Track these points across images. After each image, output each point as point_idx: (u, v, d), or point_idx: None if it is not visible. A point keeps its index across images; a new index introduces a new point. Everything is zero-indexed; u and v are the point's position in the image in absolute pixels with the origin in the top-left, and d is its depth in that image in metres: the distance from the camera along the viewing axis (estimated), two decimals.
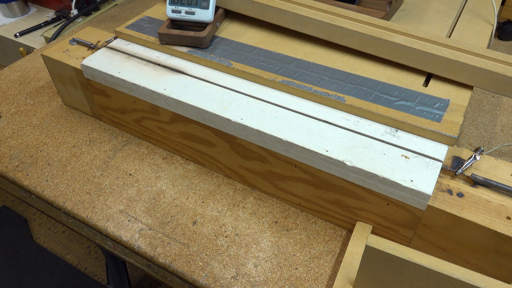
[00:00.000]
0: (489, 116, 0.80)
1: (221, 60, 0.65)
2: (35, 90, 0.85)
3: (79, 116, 0.79)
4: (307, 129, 0.56)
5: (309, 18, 0.66)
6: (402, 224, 0.54)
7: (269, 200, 0.64)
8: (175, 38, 0.68)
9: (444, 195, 0.50)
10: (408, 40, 0.61)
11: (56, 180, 0.67)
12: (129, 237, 0.59)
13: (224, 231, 0.60)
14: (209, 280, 0.54)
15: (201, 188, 0.66)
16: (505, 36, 1.03)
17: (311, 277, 0.55)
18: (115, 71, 0.66)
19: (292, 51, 0.68)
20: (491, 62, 0.57)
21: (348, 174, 0.53)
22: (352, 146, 0.54)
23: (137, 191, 0.65)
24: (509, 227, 0.47)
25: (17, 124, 0.77)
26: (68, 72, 0.73)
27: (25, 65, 0.92)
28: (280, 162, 0.58)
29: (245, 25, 0.74)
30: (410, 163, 0.51)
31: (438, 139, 0.54)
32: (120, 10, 1.15)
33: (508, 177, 0.52)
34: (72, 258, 1.39)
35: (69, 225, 0.69)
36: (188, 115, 0.62)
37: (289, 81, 0.61)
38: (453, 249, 0.52)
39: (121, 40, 0.73)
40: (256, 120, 0.57)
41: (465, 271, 0.39)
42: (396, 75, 0.62)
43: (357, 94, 0.59)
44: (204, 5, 0.67)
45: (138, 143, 0.74)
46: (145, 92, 0.64)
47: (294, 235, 0.60)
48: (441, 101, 0.58)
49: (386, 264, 0.43)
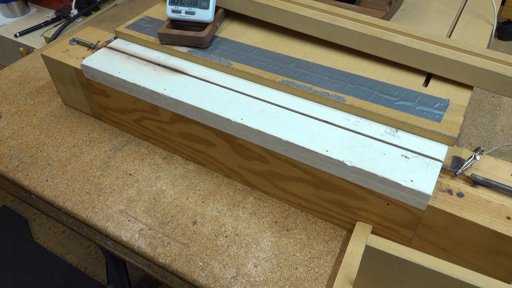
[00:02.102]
0: (489, 116, 0.80)
1: (221, 60, 0.65)
2: (35, 90, 0.85)
3: (79, 116, 0.79)
4: (307, 129, 0.56)
5: (309, 18, 0.66)
6: (402, 224, 0.54)
7: (269, 200, 0.64)
8: (175, 38, 0.68)
9: (444, 195, 0.50)
10: (408, 40, 0.61)
11: (56, 180, 0.67)
12: (129, 237, 0.59)
13: (224, 231, 0.60)
14: (209, 280, 0.54)
15: (201, 188, 0.66)
16: (505, 36, 1.03)
17: (311, 277, 0.55)
18: (115, 71, 0.66)
19: (292, 51, 0.68)
20: (491, 62, 0.57)
21: (348, 174, 0.53)
22: (352, 146, 0.54)
23: (137, 191, 0.65)
24: (509, 227, 0.47)
25: (17, 124, 0.77)
26: (68, 72, 0.73)
27: (25, 65, 0.92)
28: (280, 162, 0.58)
29: (245, 25, 0.74)
30: (410, 163, 0.51)
31: (438, 139, 0.54)
32: (120, 10, 1.15)
33: (508, 177, 0.52)
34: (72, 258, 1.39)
35: (69, 225, 0.69)
36: (188, 115, 0.62)
37: (289, 81, 0.61)
38: (453, 249, 0.53)
39: (121, 40, 0.73)
40: (256, 120, 0.57)
41: (465, 271, 0.39)
42: (396, 75, 0.62)
43: (357, 94, 0.59)
44: (204, 5, 0.67)
45: (138, 143, 0.74)
46: (145, 92, 0.64)
47: (294, 235, 0.60)
48: (441, 101, 0.58)
49: (386, 264, 0.43)
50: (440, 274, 0.39)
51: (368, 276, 0.46)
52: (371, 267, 0.45)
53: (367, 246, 0.42)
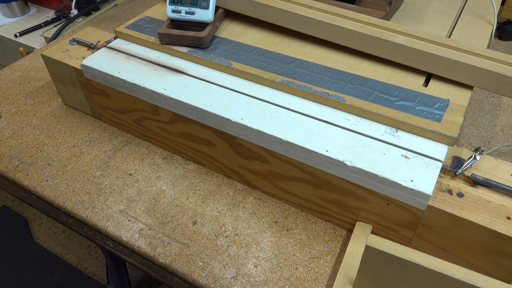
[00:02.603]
0: (489, 116, 0.80)
1: (221, 60, 0.65)
2: (35, 90, 0.85)
3: (79, 116, 0.79)
4: (307, 129, 0.56)
5: (309, 18, 0.66)
6: (402, 224, 0.54)
7: (269, 200, 0.64)
8: (175, 38, 0.68)
9: (444, 195, 0.50)
10: (408, 40, 0.61)
11: (56, 180, 0.67)
12: (129, 237, 0.59)
13: (224, 231, 0.60)
14: (209, 280, 0.54)
15: (201, 188, 0.66)
16: (505, 36, 1.03)
17: (311, 277, 0.55)
18: (115, 71, 0.66)
19: (292, 51, 0.68)
20: (491, 62, 0.57)
21: (348, 174, 0.53)
22: (352, 146, 0.54)
23: (137, 191, 0.65)
24: (509, 227, 0.47)
25: (17, 124, 0.77)
26: (68, 72, 0.73)
27: (25, 65, 0.92)
28: (280, 162, 0.58)
29: (245, 25, 0.74)
30: (410, 163, 0.51)
31: (438, 139, 0.54)
32: (120, 10, 1.15)
33: (508, 177, 0.52)
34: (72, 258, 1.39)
35: (69, 225, 0.69)
36: (188, 115, 0.62)
37: (289, 81, 0.61)
38: (453, 249, 0.52)
39: (121, 40, 0.73)
40: (256, 120, 0.57)
41: (465, 271, 0.39)
42: (396, 75, 0.62)
43: (357, 94, 0.59)
44: (204, 5, 0.67)
45: (138, 143, 0.74)
46: (145, 92, 0.64)
47: (294, 235, 0.60)
48: (441, 101, 0.58)
49: (386, 264, 0.43)
50: (440, 274, 0.39)
51: (368, 276, 0.46)
52: (371, 267, 0.45)
53: (367, 246, 0.42)
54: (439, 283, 0.40)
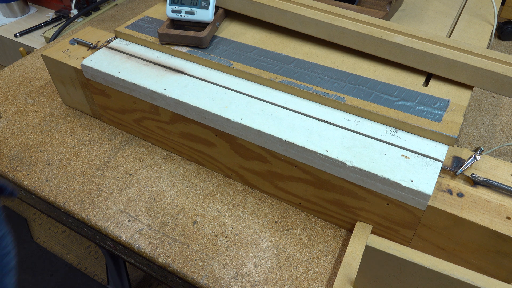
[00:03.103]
0: (489, 116, 0.80)
1: (221, 60, 0.65)
2: (35, 90, 0.85)
3: (79, 116, 0.79)
4: (307, 129, 0.56)
5: (309, 18, 0.66)
6: (402, 224, 0.54)
7: (269, 200, 0.64)
8: (175, 38, 0.68)
9: (444, 195, 0.50)
10: (408, 40, 0.61)
11: (56, 180, 0.67)
12: (129, 237, 0.59)
13: (224, 231, 0.60)
14: (209, 280, 0.54)
15: (201, 188, 0.66)
16: (505, 36, 1.03)
17: (311, 277, 0.55)
18: (115, 71, 0.66)
19: (292, 51, 0.68)
20: (491, 62, 0.57)
21: (348, 174, 0.53)
22: (352, 146, 0.54)
23: (137, 191, 0.65)
24: (509, 227, 0.47)
25: (17, 124, 0.77)
26: (68, 72, 0.73)
27: (25, 65, 0.92)
28: (280, 162, 0.58)
29: (245, 25, 0.74)
30: (410, 163, 0.51)
31: (438, 139, 0.54)
32: (120, 10, 1.15)
33: (508, 177, 0.52)
34: (72, 258, 1.39)
35: (69, 225, 0.69)
36: (188, 115, 0.62)
37: (289, 81, 0.61)
38: (453, 249, 0.52)
39: (121, 40, 0.73)
40: (256, 120, 0.57)
41: (465, 271, 0.39)
42: (396, 75, 0.62)
43: (357, 94, 0.59)
44: (204, 5, 0.67)
45: (138, 143, 0.74)
46: (145, 92, 0.64)
47: (294, 235, 0.60)
48: (441, 101, 0.58)
49: (386, 264, 0.43)
50: (440, 274, 0.39)
51: (368, 276, 0.46)
52: (371, 267, 0.45)
53: (367, 246, 0.42)
54: (439, 283, 0.40)
